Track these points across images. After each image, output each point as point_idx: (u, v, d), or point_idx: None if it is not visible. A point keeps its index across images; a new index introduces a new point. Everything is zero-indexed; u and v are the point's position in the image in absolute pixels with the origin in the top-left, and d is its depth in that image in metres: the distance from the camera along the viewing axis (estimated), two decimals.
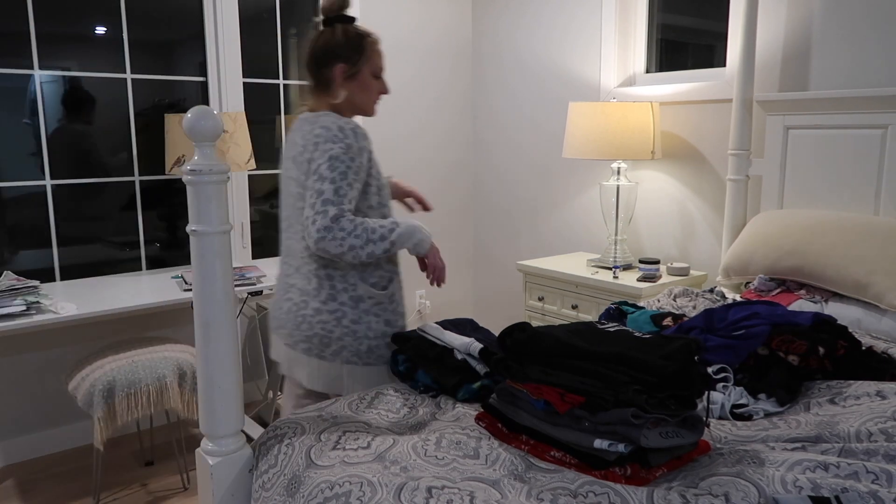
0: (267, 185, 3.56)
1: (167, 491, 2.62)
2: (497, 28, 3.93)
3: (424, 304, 4.09)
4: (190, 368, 2.49)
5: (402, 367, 1.81)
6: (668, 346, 1.37)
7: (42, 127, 2.87)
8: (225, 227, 1.48)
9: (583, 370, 1.37)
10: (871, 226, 2.24)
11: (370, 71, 1.87)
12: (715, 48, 3.11)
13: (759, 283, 2.41)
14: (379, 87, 1.91)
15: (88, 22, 2.96)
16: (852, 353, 1.74)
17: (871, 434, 1.34)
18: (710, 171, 3.02)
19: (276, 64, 3.48)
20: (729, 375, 1.68)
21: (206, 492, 1.56)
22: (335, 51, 1.85)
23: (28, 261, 2.91)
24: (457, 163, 4.13)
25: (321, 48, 1.86)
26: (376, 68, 1.88)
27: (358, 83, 1.87)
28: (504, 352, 1.52)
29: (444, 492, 1.22)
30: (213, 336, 1.50)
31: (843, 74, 2.55)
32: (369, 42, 1.86)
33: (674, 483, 1.25)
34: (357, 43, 1.85)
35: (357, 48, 1.85)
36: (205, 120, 1.43)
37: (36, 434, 2.88)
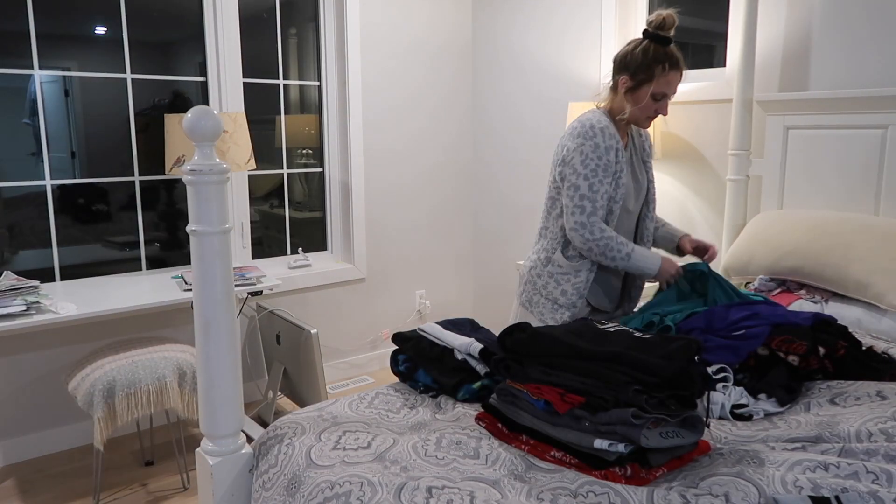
0: (267, 185, 3.56)
1: (167, 491, 2.62)
2: (497, 28, 3.93)
3: (424, 304, 4.09)
4: (190, 368, 2.49)
5: (402, 366, 1.81)
6: (668, 346, 1.37)
7: (42, 127, 2.87)
8: (225, 227, 1.48)
9: (583, 370, 1.37)
10: (871, 226, 2.24)
11: (650, 92, 2.01)
12: (715, 48, 3.11)
13: (760, 283, 2.41)
14: (654, 108, 2.05)
15: (88, 22, 2.96)
16: (853, 353, 1.74)
17: (872, 434, 1.34)
18: (710, 171, 3.02)
19: (276, 64, 3.48)
20: (729, 375, 1.68)
21: (206, 492, 1.56)
22: (628, 63, 2.03)
23: (28, 261, 2.91)
24: (457, 162, 4.13)
25: (620, 56, 2.06)
26: (658, 93, 2.01)
27: (635, 98, 2.04)
28: (504, 352, 1.52)
29: (445, 492, 1.22)
30: (213, 336, 1.50)
31: (843, 75, 2.55)
32: (659, 69, 1.99)
33: (674, 483, 1.25)
34: (648, 65, 2.00)
35: (647, 69, 2.00)
36: (205, 120, 1.43)
37: (36, 434, 2.88)
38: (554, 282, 2.13)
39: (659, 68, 1.98)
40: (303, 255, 3.63)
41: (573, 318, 2.14)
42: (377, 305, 3.90)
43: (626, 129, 2.16)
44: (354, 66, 3.59)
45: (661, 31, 1.99)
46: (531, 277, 2.19)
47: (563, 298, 2.12)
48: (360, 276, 3.78)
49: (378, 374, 3.84)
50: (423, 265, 4.07)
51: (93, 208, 3.06)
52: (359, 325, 3.84)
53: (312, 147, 3.69)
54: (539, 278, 2.16)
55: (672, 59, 1.98)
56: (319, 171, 3.71)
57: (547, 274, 2.14)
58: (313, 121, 3.67)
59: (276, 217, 3.62)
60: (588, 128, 2.02)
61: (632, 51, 2.02)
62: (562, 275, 2.12)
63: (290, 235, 3.66)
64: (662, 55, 1.98)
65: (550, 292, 2.13)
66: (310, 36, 3.61)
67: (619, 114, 2.08)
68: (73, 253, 3.01)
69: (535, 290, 2.18)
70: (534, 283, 2.18)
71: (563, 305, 2.12)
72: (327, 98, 3.66)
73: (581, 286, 2.11)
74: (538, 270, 2.17)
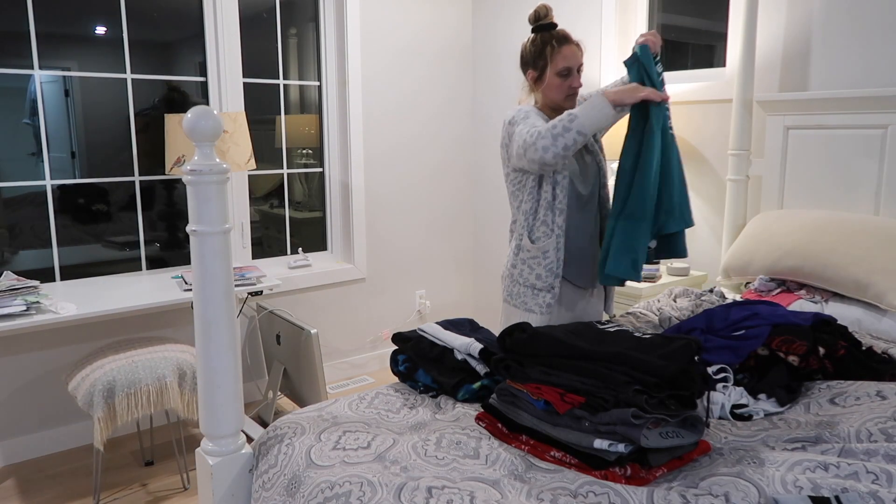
0: (267, 185, 3.57)
1: (167, 491, 2.62)
2: (497, 28, 3.93)
3: (424, 304, 4.09)
4: (190, 368, 2.49)
5: (402, 366, 1.81)
6: (668, 347, 1.37)
7: (42, 127, 2.87)
8: (225, 227, 1.48)
9: (583, 370, 1.37)
10: (871, 226, 2.24)
11: (554, 72, 2.08)
12: (715, 48, 3.11)
13: (760, 283, 2.41)
14: (566, 85, 2.10)
15: (88, 22, 2.96)
16: (852, 353, 1.74)
17: (871, 434, 1.34)
18: (710, 171, 3.02)
19: (276, 64, 3.48)
20: (729, 376, 1.68)
21: (206, 492, 1.56)
22: (526, 59, 2.15)
23: (28, 261, 2.91)
24: (457, 162, 4.13)
25: (520, 58, 2.17)
26: (561, 69, 2.08)
27: (545, 85, 2.11)
28: (504, 352, 1.52)
29: (444, 492, 1.22)
30: (213, 336, 1.50)
31: (843, 75, 2.55)
32: (549, 49, 2.08)
33: (674, 483, 1.25)
34: (540, 51, 2.10)
35: (540, 54, 2.10)
36: (205, 120, 1.43)
37: (36, 434, 2.88)
38: (528, 267, 2.15)
39: (549, 48, 2.08)
40: (303, 255, 3.63)
41: (555, 299, 2.13)
42: (377, 305, 3.90)
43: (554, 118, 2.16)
44: (354, 66, 3.59)
45: (541, 22, 2.11)
46: (509, 272, 2.22)
47: (539, 282, 2.14)
48: (360, 276, 3.78)
49: (378, 374, 3.84)
50: (423, 265, 4.07)
51: (93, 208, 3.06)
52: (359, 325, 3.84)
53: (312, 147, 3.69)
54: (514, 268, 2.19)
55: (557, 37, 2.09)
56: (319, 171, 3.71)
57: (521, 262, 2.17)
58: (313, 121, 3.67)
59: (276, 217, 3.62)
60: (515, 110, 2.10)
61: (525, 49, 2.14)
62: (532, 258, 2.14)
63: (290, 235, 3.66)
64: (548, 37, 2.09)
65: (527, 278, 2.16)
66: (310, 36, 3.61)
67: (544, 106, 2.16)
68: (73, 253, 3.01)
69: (513, 281, 2.20)
70: (511, 276, 2.21)
71: (542, 289, 2.14)
72: (327, 98, 3.66)
73: (553, 265, 2.13)
74: (513, 261, 2.20)
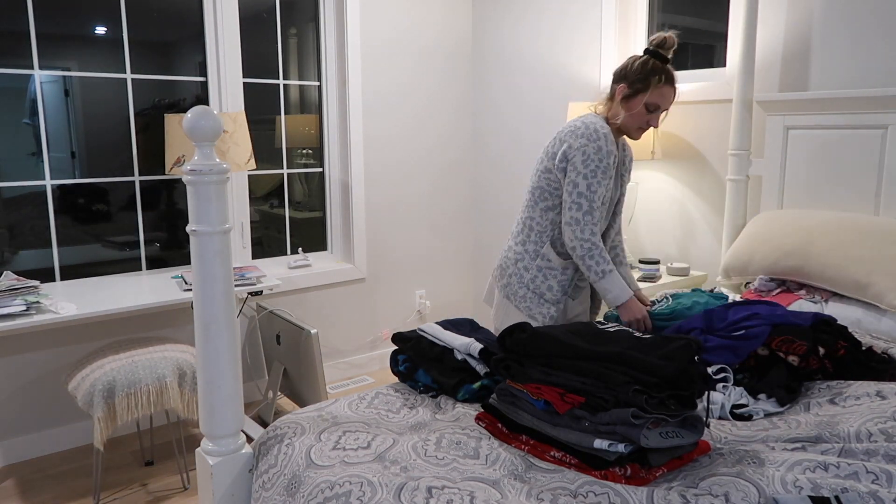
0: (267, 185, 3.57)
1: (167, 491, 2.62)
2: (497, 27, 3.93)
3: (424, 304, 4.09)
4: (190, 368, 2.49)
5: (402, 366, 1.81)
6: (668, 347, 1.37)
7: (42, 127, 2.87)
8: (225, 227, 1.48)
9: (583, 370, 1.37)
10: (871, 226, 2.24)
11: (645, 101, 2.10)
12: (715, 48, 3.11)
13: (760, 283, 2.41)
14: (646, 119, 2.12)
15: (88, 22, 2.96)
16: (852, 353, 1.74)
17: (871, 434, 1.34)
18: (710, 171, 3.02)
19: (276, 64, 3.48)
20: (729, 376, 1.68)
21: (206, 492, 1.56)
22: (626, 74, 2.13)
23: (28, 261, 2.91)
24: (457, 162, 4.13)
25: (621, 68, 2.16)
26: (652, 104, 2.10)
27: (629, 106, 2.12)
28: (504, 352, 1.52)
29: (444, 492, 1.22)
30: (213, 336, 1.50)
31: (843, 75, 2.55)
32: (655, 80, 2.09)
33: (674, 483, 1.25)
34: (645, 76, 2.10)
35: (643, 79, 2.10)
36: (205, 120, 1.43)
37: (36, 434, 2.88)
38: (542, 276, 2.17)
39: (655, 79, 2.08)
40: (303, 255, 3.63)
41: (558, 313, 2.17)
42: (377, 305, 3.90)
43: (617, 139, 2.22)
44: (354, 66, 3.59)
45: (661, 49, 2.10)
46: (517, 270, 2.22)
47: (549, 294, 2.16)
48: (360, 276, 3.78)
49: (378, 374, 3.84)
50: (423, 265, 4.07)
51: (93, 208, 3.06)
52: (359, 325, 3.84)
53: (312, 147, 3.69)
54: (527, 272, 2.19)
55: (668, 74, 2.09)
56: (319, 171, 3.71)
57: (535, 268, 2.18)
58: (313, 121, 3.67)
59: (276, 217, 3.62)
60: (592, 130, 2.09)
61: (631, 63, 2.13)
62: (549, 269, 2.16)
63: (290, 235, 3.66)
64: (659, 69, 2.09)
65: (538, 286, 2.17)
66: (310, 36, 3.61)
67: (613, 120, 2.16)
68: (73, 253, 3.01)
69: (521, 283, 2.20)
70: (520, 276, 2.20)
71: (549, 301, 2.16)
72: (327, 98, 3.66)
73: (566, 284, 2.17)
74: (526, 263, 2.20)
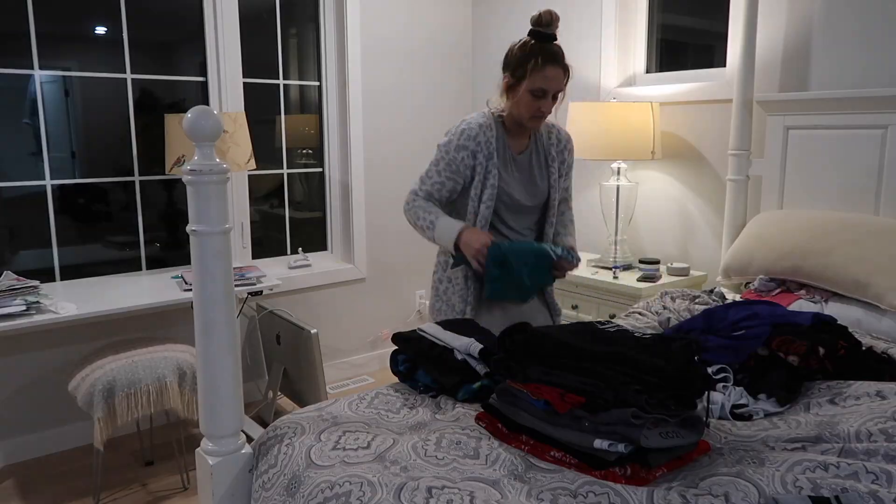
0: (267, 185, 3.56)
1: (167, 491, 2.62)
2: (497, 27, 3.93)
3: (424, 304, 4.09)
4: (190, 368, 2.49)
5: (401, 366, 1.81)
6: (668, 347, 1.37)
7: (42, 127, 2.87)
8: (225, 227, 1.48)
9: (583, 370, 1.37)
10: (871, 226, 2.24)
11: (528, 88, 1.94)
12: (715, 48, 3.11)
13: (760, 283, 2.40)
14: (535, 105, 1.96)
15: (88, 22, 2.96)
16: (852, 353, 1.74)
17: (871, 434, 1.34)
18: (710, 171, 3.02)
19: (276, 64, 3.48)
20: (729, 376, 1.68)
21: (206, 492, 1.56)
22: (508, 62, 1.99)
23: (28, 261, 2.91)
24: None
25: (505, 56, 2.01)
26: (536, 89, 1.93)
27: (514, 96, 1.98)
28: (504, 352, 1.52)
29: (444, 492, 1.22)
30: (213, 336, 1.50)
31: (843, 75, 2.55)
32: (532, 63, 1.92)
33: (674, 483, 1.25)
34: (523, 61, 1.94)
35: (522, 65, 1.94)
36: (205, 120, 1.43)
37: (36, 434, 2.88)
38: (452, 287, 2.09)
39: (532, 62, 1.91)
40: (303, 255, 3.63)
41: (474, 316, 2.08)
42: (377, 305, 3.90)
43: (527, 131, 2.10)
44: (354, 66, 3.59)
45: (540, 28, 1.94)
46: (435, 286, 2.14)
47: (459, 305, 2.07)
48: (360, 276, 3.78)
49: (378, 374, 3.84)
50: (423, 265, 4.07)
51: (93, 208, 3.06)
52: (359, 325, 3.84)
53: (312, 147, 3.69)
54: (441, 284, 2.12)
55: (546, 54, 1.92)
56: (319, 171, 3.71)
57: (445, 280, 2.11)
58: (313, 121, 3.67)
59: (276, 217, 3.61)
60: (456, 126, 2.05)
61: (511, 49, 1.99)
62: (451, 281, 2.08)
63: (290, 235, 3.66)
64: (536, 50, 1.92)
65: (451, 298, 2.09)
66: (310, 36, 3.61)
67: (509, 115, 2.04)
68: (73, 253, 3.01)
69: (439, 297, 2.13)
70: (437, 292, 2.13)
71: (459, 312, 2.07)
72: (327, 98, 3.65)
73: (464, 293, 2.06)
74: (439, 276, 2.13)
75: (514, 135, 2.09)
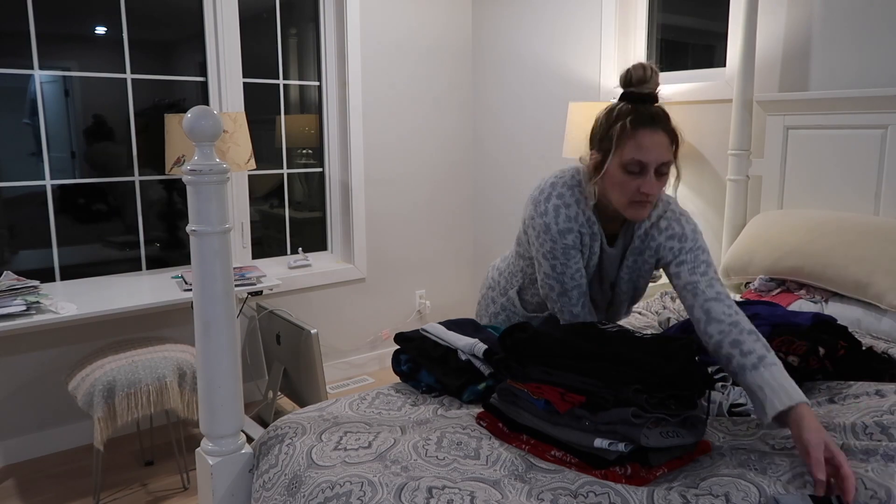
0: (267, 185, 3.56)
1: (167, 491, 2.62)
2: (497, 28, 3.93)
3: (424, 304, 4.09)
4: (190, 368, 2.49)
5: (404, 366, 1.80)
6: (669, 346, 1.37)
7: (42, 127, 2.87)
8: (225, 227, 1.48)
9: (583, 370, 1.37)
10: (871, 226, 2.24)
11: (619, 163, 1.51)
12: (715, 48, 3.11)
13: (760, 283, 2.41)
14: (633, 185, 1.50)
15: (88, 22, 2.96)
16: (853, 353, 1.74)
17: (867, 427, 1.34)
18: (710, 171, 3.02)
19: (276, 64, 3.48)
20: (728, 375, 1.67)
21: (206, 492, 1.56)
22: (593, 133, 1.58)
23: (28, 261, 2.91)
24: (457, 162, 4.13)
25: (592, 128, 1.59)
26: (629, 161, 1.49)
27: (606, 177, 1.54)
28: (505, 351, 1.52)
29: (445, 492, 1.22)
30: (213, 336, 1.50)
31: (844, 75, 2.55)
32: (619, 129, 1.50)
33: (674, 483, 1.25)
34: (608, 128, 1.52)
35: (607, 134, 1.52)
36: (205, 120, 1.43)
37: (36, 434, 2.88)
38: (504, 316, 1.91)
39: (618, 127, 1.50)
40: (303, 255, 3.63)
41: None
42: (377, 305, 3.90)
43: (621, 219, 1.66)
44: (354, 66, 3.59)
45: (630, 87, 1.56)
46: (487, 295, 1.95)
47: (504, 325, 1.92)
48: (360, 276, 3.78)
49: (378, 374, 3.84)
50: (423, 265, 4.07)
51: (93, 208, 3.06)
52: (359, 325, 3.84)
53: (312, 147, 3.69)
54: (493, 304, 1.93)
55: (639, 115, 1.50)
56: (319, 171, 3.71)
57: (500, 306, 1.92)
58: (313, 121, 3.67)
59: (276, 217, 3.62)
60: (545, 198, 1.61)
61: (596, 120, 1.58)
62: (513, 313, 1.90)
63: (290, 235, 3.66)
64: (626, 112, 1.51)
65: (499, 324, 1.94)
66: (310, 36, 3.61)
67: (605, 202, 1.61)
68: (73, 253, 3.01)
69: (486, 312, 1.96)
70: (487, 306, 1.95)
71: None
72: (327, 98, 3.66)
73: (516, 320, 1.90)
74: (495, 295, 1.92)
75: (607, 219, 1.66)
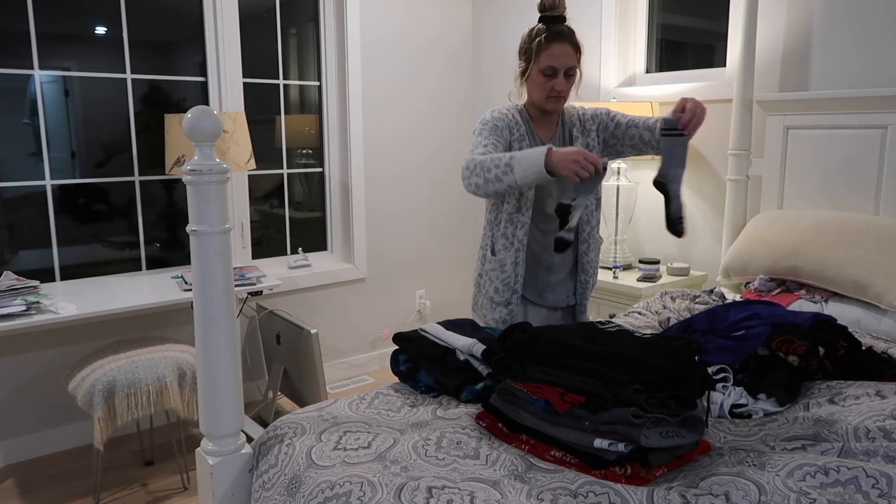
0: (267, 185, 3.56)
1: (167, 491, 2.62)
2: (497, 27, 3.93)
3: (424, 304, 4.09)
4: (190, 368, 2.49)
5: (403, 366, 1.81)
6: (669, 346, 1.37)
7: (42, 127, 2.87)
8: (225, 227, 1.48)
9: (583, 370, 1.37)
10: (871, 226, 2.24)
11: (538, 69, 1.97)
12: (715, 48, 3.11)
13: (760, 283, 2.41)
14: (549, 85, 1.97)
15: (88, 22, 2.96)
16: (852, 353, 1.74)
17: (870, 431, 1.34)
18: (710, 171, 3.02)
19: (276, 64, 3.48)
20: (728, 376, 1.67)
21: (206, 492, 1.56)
22: (519, 49, 2.04)
23: (28, 261, 2.91)
24: (457, 162, 4.13)
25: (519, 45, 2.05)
26: (546, 68, 1.96)
27: (530, 81, 2.02)
28: (504, 351, 1.52)
29: (445, 492, 1.22)
30: (213, 336, 1.50)
31: (843, 74, 2.55)
32: (537, 43, 1.95)
33: (674, 483, 1.25)
34: (529, 43, 1.98)
35: (528, 48, 1.98)
36: (205, 120, 1.43)
37: (36, 434, 2.88)
38: (489, 279, 2.13)
39: (537, 42, 1.95)
40: (303, 255, 3.63)
41: (510, 315, 2.12)
42: (377, 305, 3.90)
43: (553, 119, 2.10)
44: (354, 66, 3.59)
45: (546, 12, 1.97)
46: (476, 280, 2.21)
47: (497, 296, 2.12)
48: (360, 276, 3.78)
49: (378, 374, 3.84)
50: (423, 265, 4.07)
51: (93, 208, 3.06)
52: (359, 325, 3.84)
53: (312, 147, 3.69)
54: (481, 278, 2.18)
55: (552, 32, 1.94)
56: (319, 171, 3.71)
57: (485, 273, 2.15)
58: (313, 121, 3.67)
59: (276, 217, 3.62)
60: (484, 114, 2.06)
61: (522, 36, 2.04)
62: (493, 270, 2.11)
63: (290, 235, 3.66)
64: (542, 30, 1.96)
65: (487, 290, 2.14)
66: (310, 36, 3.61)
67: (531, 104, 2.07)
68: (73, 253, 3.01)
69: (479, 291, 2.19)
70: (477, 284, 2.20)
71: (499, 303, 2.12)
72: (327, 98, 3.66)
73: (510, 280, 2.08)
74: (479, 271, 2.19)
75: (539, 122, 2.09)
